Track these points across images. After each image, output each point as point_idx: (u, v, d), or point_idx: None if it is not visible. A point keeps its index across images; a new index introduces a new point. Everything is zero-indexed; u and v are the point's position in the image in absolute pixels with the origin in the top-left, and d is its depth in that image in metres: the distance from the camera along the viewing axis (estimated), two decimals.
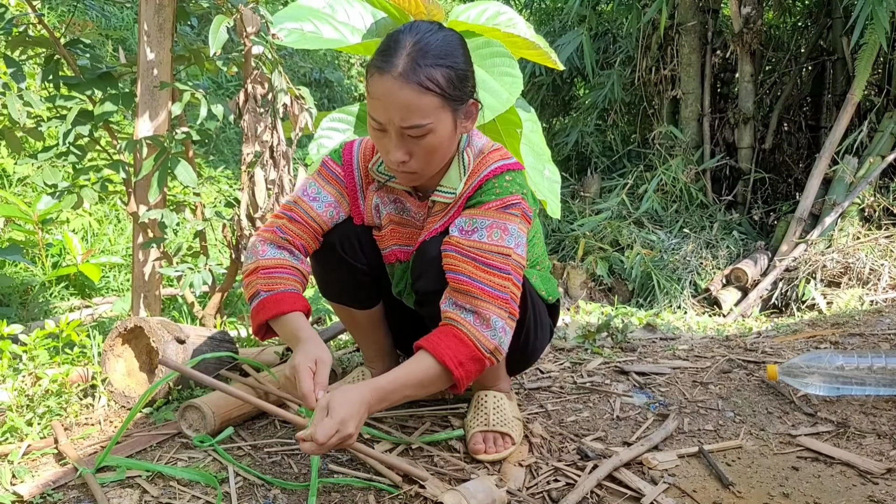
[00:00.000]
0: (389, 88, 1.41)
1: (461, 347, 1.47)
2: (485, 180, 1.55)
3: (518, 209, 1.54)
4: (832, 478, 1.63)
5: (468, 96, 1.49)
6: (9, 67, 2.24)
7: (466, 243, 1.51)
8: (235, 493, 1.46)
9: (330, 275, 1.77)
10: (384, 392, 1.44)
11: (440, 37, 1.46)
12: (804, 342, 2.67)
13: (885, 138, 5.42)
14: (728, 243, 5.77)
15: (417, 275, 1.62)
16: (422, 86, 1.40)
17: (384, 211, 1.69)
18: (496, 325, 1.48)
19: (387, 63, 1.41)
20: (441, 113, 1.44)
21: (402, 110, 1.41)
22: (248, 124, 2.27)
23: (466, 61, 1.49)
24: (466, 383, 1.50)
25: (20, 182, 4.98)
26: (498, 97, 2.03)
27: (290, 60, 8.31)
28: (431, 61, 1.41)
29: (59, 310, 3.90)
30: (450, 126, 1.47)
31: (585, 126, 7.17)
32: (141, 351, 1.96)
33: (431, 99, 1.41)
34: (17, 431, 1.68)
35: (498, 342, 1.49)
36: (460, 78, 1.45)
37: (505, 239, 1.51)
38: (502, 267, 1.50)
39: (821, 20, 6.48)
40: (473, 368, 1.49)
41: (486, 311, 1.48)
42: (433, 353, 1.46)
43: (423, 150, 1.46)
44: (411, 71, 1.40)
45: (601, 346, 2.61)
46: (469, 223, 1.52)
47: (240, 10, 2.12)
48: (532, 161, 2.35)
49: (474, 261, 1.49)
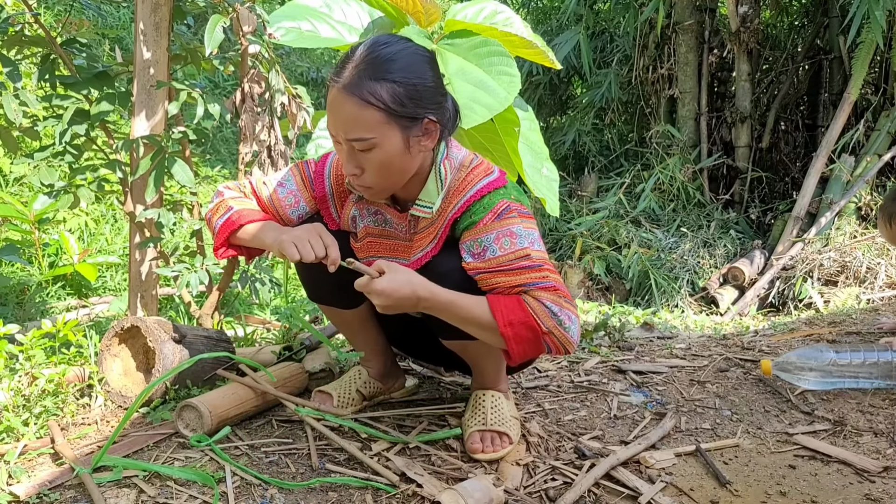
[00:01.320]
0: (335, 100, 1.41)
1: (518, 310, 1.48)
2: (472, 201, 1.53)
3: (512, 211, 1.54)
4: (829, 476, 1.64)
5: (423, 114, 1.44)
6: (5, 67, 2.23)
7: (483, 266, 1.52)
8: (233, 493, 1.46)
9: (309, 275, 1.78)
10: (437, 298, 1.49)
11: (396, 49, 1.43)
12: (801, 341, 2.67)
13: (881, 137, 5.43)
14: (725, 242, 5.78)
15: None
16: (363, 99, 1.39)
17: (360, 224, 1.68)
18: (553, 309, 1.49)
19: (337, 75, 1.42)
20: (386, 128, 1.41)
21: (345, 122, 1.42)
22: (246, 123, 2.26)
23: (427, 77, 1.45)
24: (518, 347, 1.50)
25: (17, 182, 4.97)
26: (496, 96, 2.03)
27: (287, 59, 8.31)
28: (378, 75, 1.39)
29: (56, 309, 3.89)
30: (398, 143, 1.44)
31: (583, 125, 7.17)
32: (138, 351, 1.95)
33: (373, 113, 1.40)
34: (14, 431, 1.67)
35: (557, 322, 1.49)
36: (410, 95, 1.41)
37: (516, 242, 1.51)
38: (531, 265, 1.51)
39: (817, 19, 6.49)
40: (525, 335, 1.49)
41: (540, 298, 1.49)
42: (490, 303, 1.49)
43: (373, 164, 1.45)
44: (355, 84, 1.39)
45: (598, 345, 2.61)
46: (476, 245, 1.53)
47: (236, 9, 2.12)
48: (530, 159, 2.35)
49: (504, 272, 1.50)
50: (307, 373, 2.05)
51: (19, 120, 2.21)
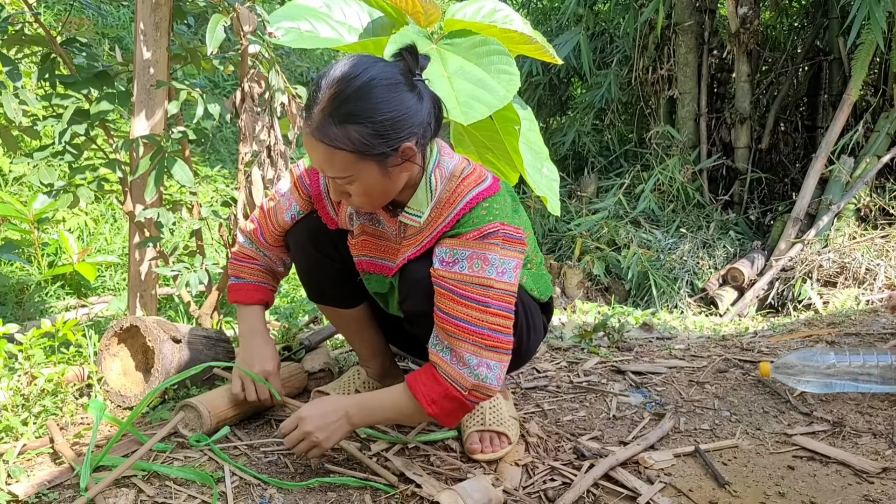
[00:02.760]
0: (307, 142, 1.42)
1: (435, 386, 1.49)
2: (461, 214, 1.50)
3: (497, 237, 1.48)
4: (828, 477, 1.64)
5: (398, 143, 1.40)
6: (5, 66, 2.23)
7: (447, 275, 1.49)
8: (231, 493, 1.46)
9: (309, 275, 1.79)
10: (366, 409, 1.55)
11: (361, 83, 1.37)
12: (800, 342, 2.67)
13: (881, 138, 5.43)
14: (725, 243, 5.78)
15: (403, 296, 1.62)
16: (330, 145, 1.38)
17: (357, 221, 1.68)
18: (470, 363, 1.46)
19: (307, 115, 1.41)
20: (360, 165, 1.41)
21: (320, 164, 1.44)
22: (246, 123, 2.26)
23: (393, 108, 1.39)
24: (447, 420, 1.53)
25: (16, 181, 4.97)
26: (495, 94, 2.02)
27: (286, 59, 8.30)
28: (343, 118, 1.37)
29: (55, 309, 3.89)
30: (375, 174, 1.43)
31: (582, 126, 7.17)
32: (137, 350, 1.95)
33: (344, 155, 1.39)
34: (13, 431, 1.67)
35: (475, 380, 1.46)
36: (380, 132, 1.38)
37: (486, 269, 1.47)
38: (480, 299, 1.46)
39: (817, 20, 6.49)
40: (449, 406, 1.49)
41: (459, 349, 1.47)
42: (410, 387, 1.51)
43: (357, 192, 1.47)
44: (322, 130, 1.38)
45: (598, 346, 2.61)
46: (450, 254, 1.49)
47: (236, 9, 2.12)
48: (530, 159, 2.35)
49: (453, 293, 1.47)
50: (306, 373, 2.05)
51: (19, 119, 2.21)
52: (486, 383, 1.48)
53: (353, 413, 1.54)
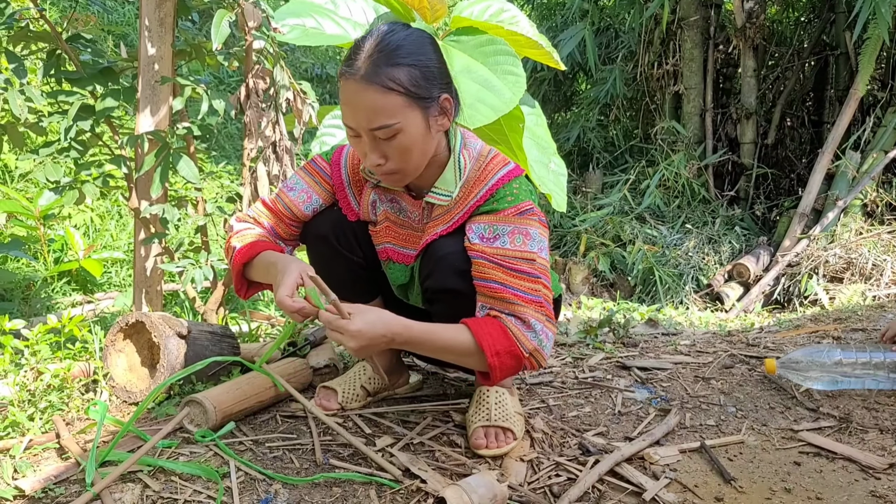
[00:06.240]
0: (354, 92, 1.42)
1: (503, 339, 1.49)
2: (494, 189, 1.55)
3: (534, 214, 1.55)
4: (834, 473, 1.63)
5: (438, 93, 1.47)
6: (10, 63, 2.23)
7: (490, 250, 1.52)
8: (237, 488, 1.46)
9: (327, 268, 1.78)
10: (412, 332, 1.48)
11: (402, 35, 1.45)
12: (806, 337, 2.66)
13: (888, 133, 5.41)
14: (730, 239, 5.77)
15: (426, 274, 1.62)
16: (384, 86, 1.40)
17: (381, 208, 1.70)
18: (536, 328, 1.50)
19: (350, 67, 1.42)
20: (408, 112, 1.43)
21: (368, 112, 1.42)
22: (251, 119, 2.26)
23: (433, 58, 1.48)
24: (500, 374, 1.52)
25: (22, 178, 4.98)
26: (501, 96, 2.01)
27: (291, 56, 8.30)
28: (393, 61, 1.41)
29: (61, 305, 3.90)
30: (420, 124, 1.46)
31: (587, 121, 7.16)
32: (142, 346, 1.96)
33: (395, 98, 1.41)
34: (19, 426, 1.68)
35: (538, 344, 1.50)
36: (425, 75, 1.44)
37: (528, 244, 1.52)
38: (530, 271, 1.51)
39: (824, 15, 6.46)
40: (510, 364, 1.50)
41: (524, 315, 1.50)
42: (474, 333, 1.49)
43: (397, 150, 1.46)
44: (373, 72, 1.40)
45: (603, 342, 2.61)
46: (490, 230, 1.53)
47: (241, 5, 2.12)
48: (537, 154, 2.34)
49: (502, 267, 1.50)
50: (311, 368, 2.05)
51: (25, 115, 2.22)
52: (544, 351, 1.52)
53: (401, 341, 1.48)
